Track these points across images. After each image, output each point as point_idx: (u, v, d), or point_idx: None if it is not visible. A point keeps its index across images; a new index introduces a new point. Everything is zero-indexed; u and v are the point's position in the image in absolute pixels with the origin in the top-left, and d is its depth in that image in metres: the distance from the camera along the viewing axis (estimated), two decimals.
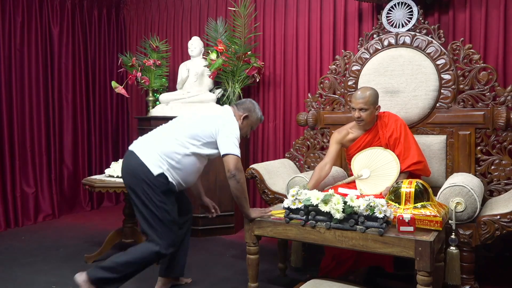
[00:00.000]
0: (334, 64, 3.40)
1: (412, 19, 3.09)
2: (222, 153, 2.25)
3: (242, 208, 2.30)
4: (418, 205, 2.05)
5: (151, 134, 2.38)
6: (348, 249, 2.06)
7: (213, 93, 4.10)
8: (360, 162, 2.70)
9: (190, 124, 2.33)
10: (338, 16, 3.74)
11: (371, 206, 1.95)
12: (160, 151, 2.24)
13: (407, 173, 2.60)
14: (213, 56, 3.92)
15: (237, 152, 2.24)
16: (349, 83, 3.28)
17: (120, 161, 3.23)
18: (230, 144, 2.24)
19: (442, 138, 2.90)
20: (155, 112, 4.11)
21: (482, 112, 2.78)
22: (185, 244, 2.56)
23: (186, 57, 4.44)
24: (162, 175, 2.21)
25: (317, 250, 2.81)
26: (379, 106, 2.69)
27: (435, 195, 2.28)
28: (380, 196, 2.43)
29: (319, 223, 2.08)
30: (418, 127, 2.98)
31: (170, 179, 2.24)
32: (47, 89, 4.46)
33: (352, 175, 2.73)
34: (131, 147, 2.33)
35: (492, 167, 2.75)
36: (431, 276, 1.84)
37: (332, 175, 2.94)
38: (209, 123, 2.30)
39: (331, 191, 2.09)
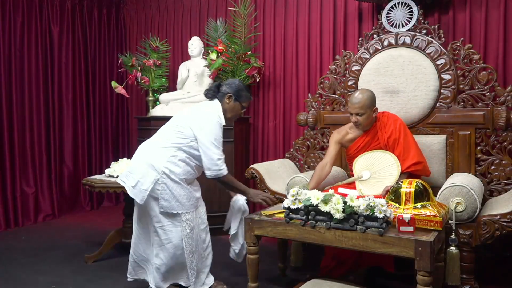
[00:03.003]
0: (334, 64, 3.40)
1: (412, 19, 3.08)
2: None
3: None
4: (418, 205, 2.05)
5: None
6: (348, 249, 2.06)
7: None
8: (361, 164, 2.70)
9: None
10: (338, 16, 3.74)
11: (371, 206, 1.95)
12: None
13: (407, 173, 2.60)
14: (213, 56, 3.92)
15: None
16: (349, 83, 3.28)
17: (120, 161, 3.25)
18: None
19: (442, 138, 2.90)
20: (155, 112, 4.11)
21: (482, 112, 2.78)
22: None
23: (186, 57, 4.44)
24: None
25: (317, 250, 2.81)
26: (377, 108, 2.69)
27: (435, 195, 2.27)
28: (379, 197, 2.43)
29: (319, 223, 2.08)
30: (418, 127, 2.98)
31: None
32: (47, 89, 4.46)
33: (352, 175, 2.73)
34: None
35: (492, 167, 2.75)
36: (431, 276, 1.84)
37: (332, 175, 2.93)
38: None
39: (331, 191, 2.09)
